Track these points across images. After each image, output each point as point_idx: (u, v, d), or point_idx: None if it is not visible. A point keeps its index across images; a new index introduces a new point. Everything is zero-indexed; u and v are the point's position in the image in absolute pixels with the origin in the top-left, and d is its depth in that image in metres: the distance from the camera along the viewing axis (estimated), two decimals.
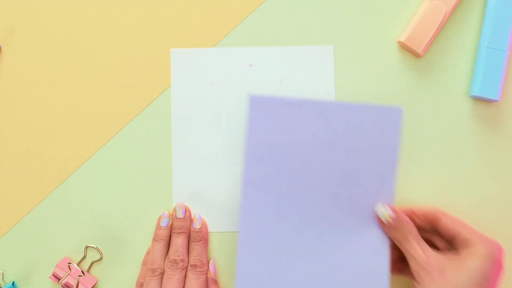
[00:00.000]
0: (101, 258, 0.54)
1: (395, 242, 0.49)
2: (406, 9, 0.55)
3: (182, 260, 0.51)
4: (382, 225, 0.49)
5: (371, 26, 0.55)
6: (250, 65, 0.54)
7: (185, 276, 0.51)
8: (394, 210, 0.49)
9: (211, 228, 0.54)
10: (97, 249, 0.54)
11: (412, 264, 0.48)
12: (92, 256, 0.54)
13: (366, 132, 0.50)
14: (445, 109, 0.55)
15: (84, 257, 0.54)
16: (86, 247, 0.54)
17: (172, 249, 0.52)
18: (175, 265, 0.51)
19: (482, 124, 0.55)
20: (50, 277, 0.53)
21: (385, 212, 0.49)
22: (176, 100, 0.55)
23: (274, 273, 0.49)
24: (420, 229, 0.50)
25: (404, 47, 0.55)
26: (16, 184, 0.55)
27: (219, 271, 0.54)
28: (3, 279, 0.54)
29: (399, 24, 0.55)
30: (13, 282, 0.54)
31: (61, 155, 0.55)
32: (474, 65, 0.55)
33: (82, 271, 0.53)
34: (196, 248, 0.52)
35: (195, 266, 0.51)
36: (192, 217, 0.54)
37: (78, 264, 0.54)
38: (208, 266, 0.53)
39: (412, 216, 0.50)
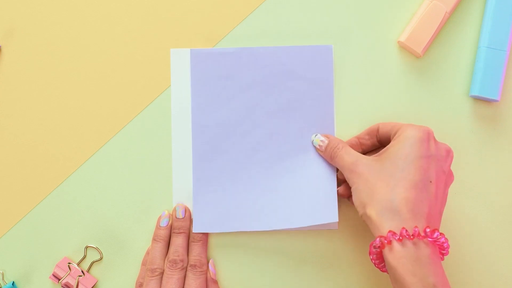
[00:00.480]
0: (101, 258, 0.54)
1: (333, 163, 0.51)
2: (406, 9, 0.55)
3: (182, 260, 0.51)
4: (320, 152, 0.52)
5: (371, 26, 0.55)
6: None
7: (185, 276, 0.51)
8: (323, 135, 0.53)
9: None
10: (97, 249, 0.54)
11: (344, 174, 0.49)
12: (92, 256, 0.54)
13: (301, 71, 0.54)
14: (445, 109, 0.55)
15: (84, 257, 0.54)
16: (86, 247, 0.54)
17: (171, 249, 0.52)
18: (174, 265, 0.51)
19: (482, 124, 0.55)
20: (50, 277, 0.53)
21: (316, 138, 0.53)
22: (176, 100, 0.55)
23: (229, 210, 0.53)
24: (373, 148, 0.52)
25: (404, 47, 0.55)
26: (16, 184, 0.55)
27: (219, 271, 0.54)
28: (3, 279, 0.54)
29: (399, 24, 0.55)
30: (13, 282, 0.54)
31: (61, 155, 0.55)
32: (474, 65, 0.54)
33: (82, 271, 0.53)
34: (195, 248, 0.52)
35: (194, 266, 0.51)
36: (191, 218, 0.54)
37: (78, 264, 0.54)
38: (208, 266, 0.53)
39: (359, 141, 0.52)
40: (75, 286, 0.53)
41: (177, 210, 0.53)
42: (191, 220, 0.54)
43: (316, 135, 0.53)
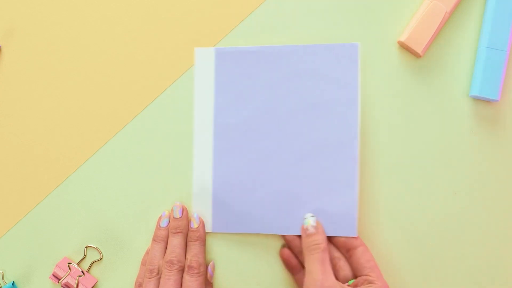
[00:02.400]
0: (101, 258, 0.54)
1: (304, 250, 0.50)
2: (406, 9, 0.55)
3: (179, 261, 0.51)
4: (302, 233, 0.51)
5: (371, 26, 0.55)
6: None
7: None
8: (316, 221, 0.51)
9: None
10: (97, 249, 0.54)
11: (306, 278, 0.48)
12: (92, 256, 0.54)
13: (325, 70, 0.53)
14: (445, 109, 0.55)
15: (84, 257, 0.54)
16: (86, 247, 0.54)
17: (168, 250, 0.51)
18: (171, 265, 0.50)
19: (482, 124, 0.55)
20: (50, 277, 0.53)
21: (308, 219, 0.51)
22: (198, 99, 0.54)
23: (247, 211, 0.53)
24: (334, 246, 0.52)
25: (404, 47, 0.55)
26: (16, 184, 0.55)
27: (217, 272, 0.54)
28: (3, 279, 0.54)
29: (399, 24, 0.55)
30: (13, 282, 0.54)
31: (61, 155, 0.55)
32: (474, 65, 0.54)
33: (82, 271, 0.53)
34: (192, 248, 0.52)
35: (191, 267, 0.50)
36: (189, 216, 0.54)
37: (78, 264, 0.54)
38: (205, 267, 0.52)
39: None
40: (75, 286, 0.53)
41: (174, 209, 0.53)
42: (188, 219, 0.53)
43: (311, 216, 0.51)
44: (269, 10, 0.55)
